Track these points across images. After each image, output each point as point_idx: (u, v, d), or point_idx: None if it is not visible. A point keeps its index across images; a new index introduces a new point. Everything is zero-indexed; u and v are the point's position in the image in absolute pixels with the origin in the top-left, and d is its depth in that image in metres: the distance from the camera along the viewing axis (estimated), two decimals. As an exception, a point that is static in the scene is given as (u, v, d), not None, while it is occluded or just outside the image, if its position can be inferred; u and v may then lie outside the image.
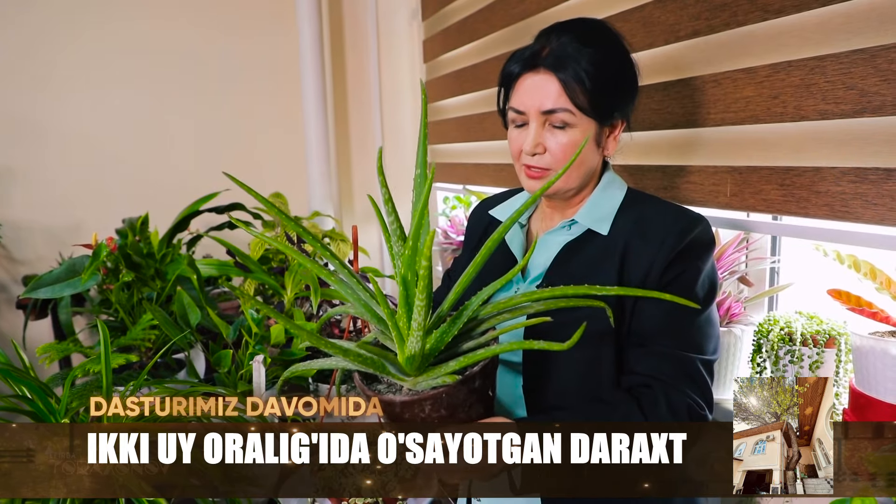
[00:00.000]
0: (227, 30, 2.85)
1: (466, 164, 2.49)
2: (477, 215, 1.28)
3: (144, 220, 1.82)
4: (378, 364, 0.82)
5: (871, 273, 1.07)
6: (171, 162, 2.81)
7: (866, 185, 1.01)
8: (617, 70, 1.01)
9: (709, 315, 0.99)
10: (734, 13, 1.21)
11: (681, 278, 0.96)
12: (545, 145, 1.01)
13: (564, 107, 0.98)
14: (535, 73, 1.00)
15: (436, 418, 0.82)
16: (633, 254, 0.98)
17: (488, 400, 0.88)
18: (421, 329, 0.77)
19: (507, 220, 0.85)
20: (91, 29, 2.64)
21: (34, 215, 2.64)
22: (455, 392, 0.81)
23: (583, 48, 0.97)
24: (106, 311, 1.75)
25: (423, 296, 0.75)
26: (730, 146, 1.26)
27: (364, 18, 3.05)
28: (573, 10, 1.70)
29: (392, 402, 0.82)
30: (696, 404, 0.93)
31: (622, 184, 1.10)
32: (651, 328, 0.96)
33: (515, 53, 1.04)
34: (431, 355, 0.83)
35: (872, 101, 0.99)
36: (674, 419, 0.91)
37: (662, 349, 0.95)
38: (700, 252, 0.98)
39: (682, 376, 0.94)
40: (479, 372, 0.82)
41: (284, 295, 1.74)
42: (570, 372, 0.98)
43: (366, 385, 0.88)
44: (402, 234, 0.90)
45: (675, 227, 0.98)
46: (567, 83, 0.96)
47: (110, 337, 1.61)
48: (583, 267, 1.01)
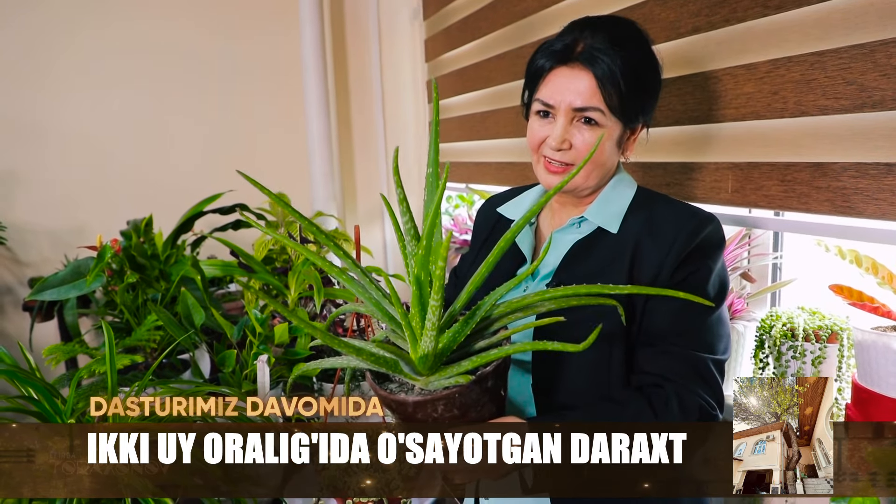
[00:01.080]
0: (229, 30, 2.86)
1: (469, 162, 2.49)
2: (485, 213, 1.27)
3: (149, 222, 1.82)
4: (392, 363, 0.82)
5: (872, 268, 1.07)
6: (174, 163, 2.82)
7: (867, 179, 1.01)
8: (648, 74, 1.01)
9: (720, 315, 0.98)
10: (734, 9, 1.21)
11: (692, 278, 0.96)
12: (571, 141, 0.99)
13: (597, 106, 0.96)
14: (568, 67, 0.98)
15: (448, 418, 0.82)
16: (644, 253, 0.98)
17: (500, 399, 0.88)
18: (434, 329, 0.77)
19: (521, 218, 0.84)
20: (92, 30, 2.65)
21: (39, 218, 2.65)
22: (467, 392, 0.80)
23: (618, 48, 0.96)
24: (111, 313, 1.76)
25: (438, 296, 0.75)
26: (730, 142, 1.26)
27: (365, 18, 3.06)
28: (574, 7, 1.70)
29: (405, 402, 0.81)
30: (707, 404, 0.93)
31: (632, 182, 1.09)
32: (662, 327, 0.96)
33: (544, 45, 1.02)
34: (444, 355, 0.83)
35: (872, 95, 0.99)
36: (685, 419, 0.90)
37: (673, 349, 0.94)
38: (711, 251, 0.97)
39: (693, 376, 0.93)
40: (491, 372, 0.81)
41: (288, 295, 1.75)
42: (580, 371, 0.98)
43: (377, 384, 0.87)
44: (417, 234, 0.89)
45: (687, 226, 0.97)
46: (603, 82, 0.95)
47: (116, 338, 1.63)
48: (593, 266, 1.00)
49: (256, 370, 1.40)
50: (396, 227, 0.89)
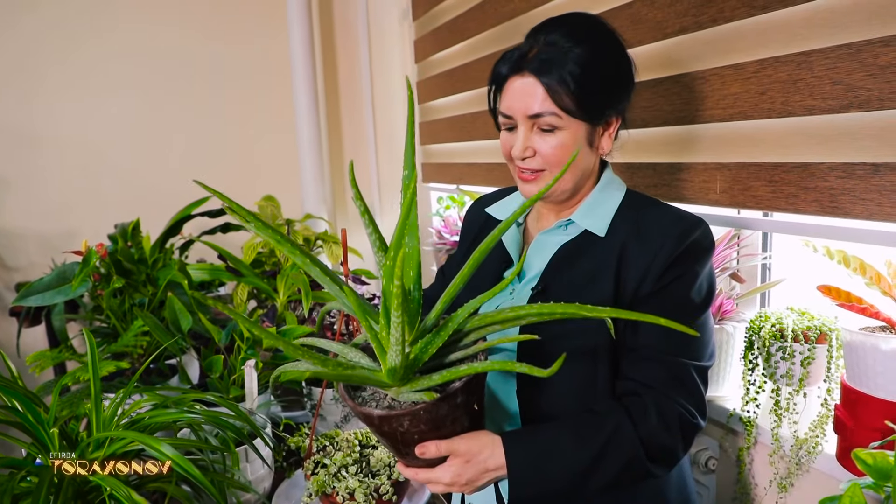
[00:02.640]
0: (218, 35, 2.84)
1: (459, 163, 2.49)
2: (474, 213, 1.27)
3: (136, 226, 1.80)
4: (357, 378, 0.79)
5: (860, 268, 1.06)
6: (164, 167, 2.80)
7: (854, 180, 1.01)
8: (607, 68, 0.97)
9: (705, 321, 0.97)
10: (721, 9, 1.21)
11: (678, 282, 0.94)
12: (534, 148, 0.99)
13: (550, 110, 0.95)
14: (520, 76, 0.97)
15: (415, 433, 0.81)
16: (631, 257, 0.96)
17: (475, 413, 0.86)
18: (399, 344, 0.75)
19: (504, 223, 0.83)
20: (81, 35, 2.63)
21: (27, 222, 2.63)
22: (434, 409, 0.78)
23: (571, 48, 0.94)
24: (98, 318, 1.74)
25: (399, 313, 0.72)
26: (718, 143, 1.26)
27: (355, 19, 3.05)
28: (562, 7, 1.70)
29: (370, 415, 0.79)
30: (687, 412, 0.91)
31: (621, 184, 1.07)
32: (646, 335, 0.94)
33: (505, 54, 1.01)
34: (416, 365, 0.81)
35: (859, 95, 0.99)
36: (664, 428, 0.89)
37: (656, 355, 0.93)
38: (698, 256, 0.96)
39: (674, 384, 0.92)
40: (461, 388, 0.79)
41: (277, 298, 1.74)
42: (565, 384, 0.96)
43: (349, 393, 0.86)
44: (383, 246, 0.88)
45: (674, 230, 0.95)
46: (551, 87, 0.94)
47: (103, 343, 1.61)
48: (579, 271, 0.99)
49: (244, 375, 1.38)
50: (370, 238, 0.88)
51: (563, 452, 0.87)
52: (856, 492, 0.62)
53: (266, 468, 1.27)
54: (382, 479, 1.18)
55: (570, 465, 0.87)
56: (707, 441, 1.42)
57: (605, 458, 0.87)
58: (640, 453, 0.88)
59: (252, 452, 1.20)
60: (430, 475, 0.86)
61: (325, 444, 1.33)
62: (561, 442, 0.88)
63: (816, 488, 1.19)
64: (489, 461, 0.85)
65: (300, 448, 1.31)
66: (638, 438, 0.88)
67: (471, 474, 0.85)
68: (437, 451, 0.83)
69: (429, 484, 0.88)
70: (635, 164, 1.48)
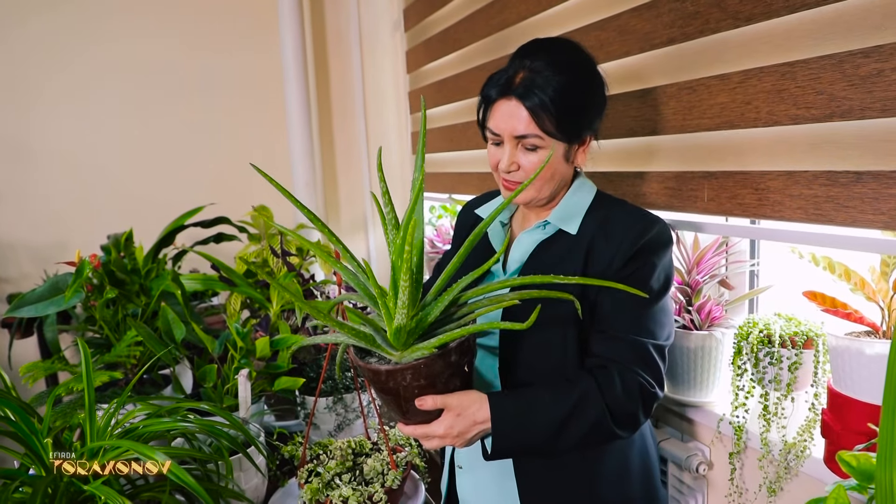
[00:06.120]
0: (211, 46, 2.85)
1: (451, 173, 2.50)
2: (465, 214, 1.41)
3: (129, 236, 1.81)
4: (369, 337, 0.93)
5: (845, 274, 1.08)
6: (156, 177, 2.81)
7: (837, 188, 1.03)
8: (584, 96, 1.10)
9: (663, 305, 1.10)
10: (706, 21, 1.23)
11: (637, 273, 1.07)
12: (519, 163, 1.12)
13: (534, 133, 1.08)
14: (507, 100, 1.09)
15: (416, 387, 0.93)
16: (597, 250, 1.10)
17: (465, 375, 0.99)
18: (406, 307, 0.87)
19: (489, 216, 0.99)
20: (75, 48, 2.64)
21: (19, 232, 2.63)
22: (432, 364, 0.91)
23: (553, 76, 1.06)
24: (91, 329, 1.74)
25: (407, 277, 0.84)
26: (705, 151, 1.28)
27: (347, 30, 3.07)
28: (552, 19, 1.72)
29: (378, 370, 0.92)
30: (647, 383, 1.04)
31: (591, 187, 1.20)
32: (610, 315, 1.07)
33: (493, 77, 1.13)
34: (417, 332, 0.93)
35: (841, 105, 1.01)
36: (627, 394, 1.02)
37: (619, 334, 1.06)
38: (656, 249, 1.08)
39: (635, 358, 1.05)
40: (455, 348, 0.92)
41: (270, 308, 1.74)
42: (539, 355, 1.10)
43: (359, 358, 0.97)
44: (397, 223, 1.00)
45: (635, 228, 1.08)
46: (535, 112, 1.06)
47: (96, 354, 1.61)
48: (553, 261, 1.13)
49: (238, 384, 1.39)
50: (382, 218, 1.00)
51: (540, 408, 1.01)
52: (840, 493, 0.63)
53: (260, 477, 1.28)
54: (376, 487, 1.18)
55: (546, 420, 1.00)
56: (697, 446, 1.43)
57: (575, 416, 1.00)
58: (606, 415, 1.01)
59: (246, 461, 1.20)
60: (427, 429, 0.98)
61: (318, 452, 1.33)
62: (539, 400, 1.01)
63: (805, 492, 1.20)
64: (477, 414, 0.98)
65: (294, 457, 1.31)
66: (604, 402, 1.01)
67: (462, 426, 0.97)
68: (433, 403, 0.95)
69: (425, 438, 0.99)
70: (623, 172, 1.50)
